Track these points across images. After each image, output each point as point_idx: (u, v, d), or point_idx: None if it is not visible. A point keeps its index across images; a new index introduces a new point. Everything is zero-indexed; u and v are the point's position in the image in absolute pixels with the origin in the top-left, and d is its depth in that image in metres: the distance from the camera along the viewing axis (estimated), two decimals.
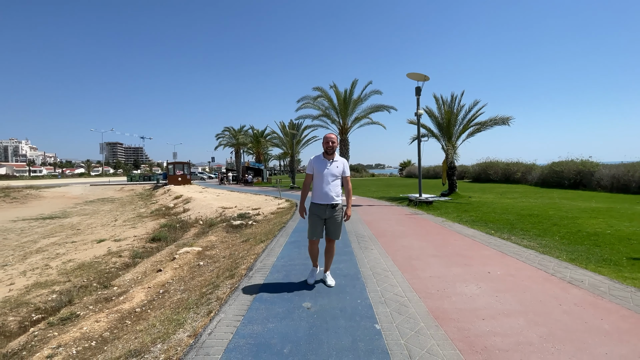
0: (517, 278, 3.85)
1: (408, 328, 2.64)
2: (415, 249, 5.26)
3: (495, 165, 25.26)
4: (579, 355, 2.26)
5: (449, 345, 2.40)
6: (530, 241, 5.97)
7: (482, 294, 3.37)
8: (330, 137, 3.56)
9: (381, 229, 7.07)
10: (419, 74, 11.93)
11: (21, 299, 5.55)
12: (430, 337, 2.50)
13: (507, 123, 13.17)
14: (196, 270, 5.63)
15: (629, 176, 14.67)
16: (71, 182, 50.97)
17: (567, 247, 5.56)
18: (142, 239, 9.82)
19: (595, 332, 2.57)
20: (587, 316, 2.85)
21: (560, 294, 3.35)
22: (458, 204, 11.55)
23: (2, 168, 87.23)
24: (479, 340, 2.46)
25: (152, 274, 5.91)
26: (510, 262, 4.50)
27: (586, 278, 3.86)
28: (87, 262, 7.65)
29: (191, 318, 3.23)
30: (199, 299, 3.86)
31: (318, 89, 22.30)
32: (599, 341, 2.44)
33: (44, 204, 27.03)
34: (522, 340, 2.46)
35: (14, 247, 10.98)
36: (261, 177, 35.97)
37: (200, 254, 6.84)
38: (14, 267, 8.06)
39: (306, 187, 3.71)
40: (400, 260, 4.60)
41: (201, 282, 4.75)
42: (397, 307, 3.02)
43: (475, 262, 4.53)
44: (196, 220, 11.94)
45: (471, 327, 2.67)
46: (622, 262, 4.66)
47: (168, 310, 3.84)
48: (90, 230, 13.31)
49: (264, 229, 8.26)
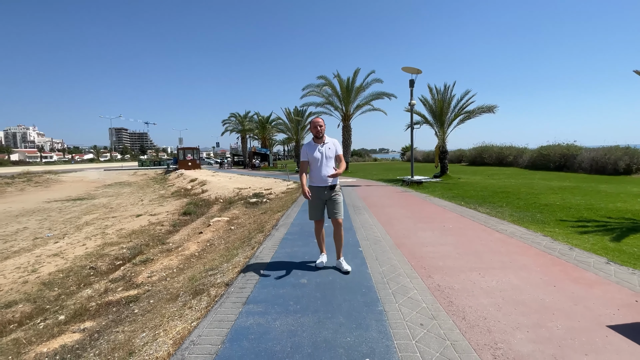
0: (461, 229, 5.52)
1: (379, 250, 4.35)
2: (396, 214, 6.95)
3: (489, 149, 26.67)
4: (473, 259, 3.94)
5: (401, 256, 4.10)
6: (490, 209, 7.60)
7: (432, 236, 5.06)
8: (317, 121, 3.65)
9: (373, 202, 8.75)
10: (412, 68, 13.31)
11: (99, 252, 7.36)
12: (391, 253, 4.20)
13: (492, 111, 14.59)
14: (230, 231, 7.37)
15: (605, 159, 16.11)
16: (85, 168, 53.00)
17: (516, 213, 7.19)
18: (174, 214, 11.62)
19: (494, 252, 4.25)
20: (494, 246, 4.52)
21: (485, 236, 5.02)
22: (446, 184, 13.18)
23: (14, 154, 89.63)
24: (419, 255, 4.15)
25: (195, 235, 7.67)
26: (463, 221, 6.18)
27: (511, 229, 5.52)
28: (136, 229, 9.46)
29: (241, 251, 4.95)
30: (241, 244, 5.59)
31: (322, 78, 23.57)
32: (493, 256, 4.11)
33: (67, 188, 28.98)
34: (445, 255, 4.15)
35: (63, 222, 12.85)
36: (267, 162, 37.65)
37: (229, 222, 8.58)
38: (74, 236, 9.89)
39: (302, 173, 3.73)
40: (382, 220, 6.30)
41: (238, 237, 6.48)
42: (374, 241, 4.73)
43: (437, 221, 6.21)
44: (216, 199, 13.70)
45: (417, 250, 4.36)
46: (550, 222, 6.30)
47: (220, 252, 5.57)
48: (123, 208, 15.17)
49: (278, 204, 9.97)
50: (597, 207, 7.47)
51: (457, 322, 2.46)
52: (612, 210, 7.06)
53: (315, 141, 3.68)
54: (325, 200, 3.67)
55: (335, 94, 23.93)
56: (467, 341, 2.22)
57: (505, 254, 4.14)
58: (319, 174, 3.62)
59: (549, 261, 3.85)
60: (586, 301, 2.80)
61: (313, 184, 3.69)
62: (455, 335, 2.30)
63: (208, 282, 3.81)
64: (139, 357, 2.46)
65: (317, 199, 3.66)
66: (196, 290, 3.68)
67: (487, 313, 2.61)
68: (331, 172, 3.57)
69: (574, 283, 3.20)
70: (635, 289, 3.05)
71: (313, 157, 3.61)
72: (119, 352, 2.73)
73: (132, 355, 2.56)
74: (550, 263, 3.79)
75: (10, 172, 36.49)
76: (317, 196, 3.65)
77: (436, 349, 2.13)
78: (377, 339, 2.25)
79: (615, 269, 3.56)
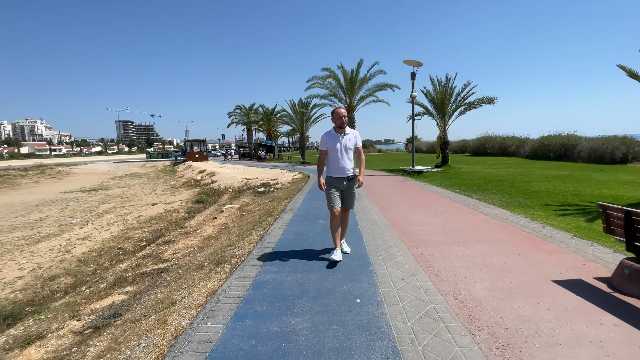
0: (451, 212, 6.12)
1: (375, 228, 4.99)
2: (394, 200, 7.56)
3: (492, 139, 26.99)
4: (456, 235, 4.56)
5: (394, 233, 4.73)
6: (482, 196, 8.17)
7: (424, 218, 5.67)
8: (340, 111, 3.60)
9: (374, 190, 9.36)
10: (413, 61, 13.75)
11: (124, 236, 8.11)
12: (385, 231, 4.83)
13: (492, 103, 15.00)
14: (242, 217, 8.05)
15: (603, 148, 16.47)
16: (95, 160, 54.18)
17: (507, 198, 7.75)
18: (187, 202, 12.36)
19: (475, 230, 4.85)
20: (477, 225, 5.12)
21: (471, 218, 5.62)
22: (446, 173, 13.72)
23: (24, 147, 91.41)
24: (409, 232, 4.78)
25: (210, 220, 8.37)
26: (455, 205, 6.77)
27: (497, 212, 6.11)
28: (154, 216, 10.21)
29: (254, 231, 5.62)
30: (254, 226, 6.26)
31: (326, 70, 23.93)
32: (473, 233, 4.72)
33: (79, 180, 29.99)
34: (432, 232, 4.77)
35: (83, 211, 13.69)
36: (273, 154, 38.31)
37: (240, 209, 9.26)
38: (97, 222, 10.68)
39: (321, 162, 3.74)
40: (381, 205, 6.93)
41: (250, 221, 7.16)
42: (371, 222, 5.37)
43: (431, 206, 6.82)
44: (226, 189, 14.41)
45: (408, 228, 4.98)
46: (536, 206, 6.86)
47: (235, 233, 6.25)
48: (137, 198, 15.97)
49: (285, 193, 10.62)
50: (583, 194, 8.00)
51: (431, 278, 3.10)
52: (597, 196, 7.59)
53: (336, 131, 3.63)
54: (342, 191, 3.66)
55: (339, 85, 24.29)
56: (436, 289, 2.86)
57: (484, 231, 4.75)
58: (337, 165, 3.59)
59: (521, 236, 4.45)
60: (541, 264, 3.41)
61: (330, 174, 3.65)
62: (428, 285, 2.93)
63: (228, 254, 4.48)
64: (180, 306, 3.13)
65: (334, 188, 3.62)
66: (218, 260, 4.35)
67: (457, 272, 3.24)
68: (349, 163, 3.60)
69: (536, 252, 3.80)
70: (587, 256, 3.64)
71: (333, 147, 3.59)
72: (162, 304, 3.41)
73: (174, 305, 3.24)
74: (522, 238, 4.39)
75: (23, 165, 37.66)
76: (334, 186, 3.62)
77: (411, 294, 2.77)
78: (366, 288, 2.89)
79: (577, 242, 4.15)
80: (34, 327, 3.70)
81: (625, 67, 7.11)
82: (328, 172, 3.70)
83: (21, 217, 12.91)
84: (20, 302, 4.82)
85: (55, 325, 3.57)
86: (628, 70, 7.09)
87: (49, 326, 3.61)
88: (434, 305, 2.57)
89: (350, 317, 2.40)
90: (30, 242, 8.83)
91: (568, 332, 2.20)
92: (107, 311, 3.60)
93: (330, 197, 3.63)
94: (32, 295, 5.04)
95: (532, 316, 2.40)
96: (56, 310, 4.19)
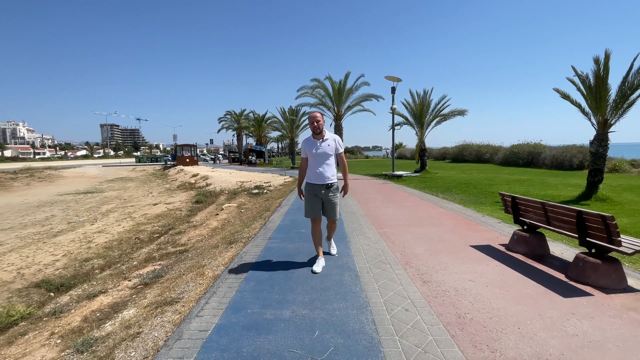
0: (417, 207, 7.54)
1: (353, 218, 6.34)
2: (372, 198, 8.95)
3: (469, 147, 28.96)
4: (414, 221, 5.94)
5: (367, 220, 6.09)
6: (447, 195, 9.64)
7: (394, 211, 7.06)
8: (314, 116, 3.40)
9: (356, 190, 10.75)
10: (393, 77, 15.32)
11: (137, 229, 9.20)
12: (361, 219, 6.19)
13: (463, 114, 16.70)
14: (241, 213, 9.27)
15: (563, 156, 18.39)
16: (82, 164, 54.07)
17: (466, 197, 9.23)
18: (187, 202, 13.46)
19: (430, 218, 6.25)
20: (433, 215, 6.53)
21: (431, 211, 7.04)
22: (422, 177, 15.26)
23: (7, 150, 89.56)
24: (379, 219, 6.15)
25: (213, 216, 9.55)
26: (421, 202, 8.20)
27: (453, 207, 7.55)
28: (159, 213, 11.31)
29: (255, 222, 6.87)
30: (254, 218, 7.50)
31: (315, 80, 25.44)
32: (428, 219, 6.11)
33: (71, 183, 30.41)
34: (396, 219, 6.15)
35: (86, 210, 14.58)
36: (263, 159, 39.47)
37: (238, 207, 10.47)
38: (105, 220, 11.67)
39: (302, 170, 3.61)
40: (360, 201, 8.31)
41: (250, 216, 8.39)
42: (350, 212, 6.73)
43: (402, 202, 8.22)
44: (221, 191, 15.55)
45: (380, 217, 6.36)
46: (487, 203, 8.34)
47: (239, 224, 7.48)
48: (136, 199, 16.91)
49: (278, 194, 11.88)
50: (531, 194, 9.57)
51: (388, 245, 4.46)
52: (541, 196, 9.15)
53: (314, 137, 3.48)
54: (322, 199, 3.51)
55: (328, 95, 25.81)
56: (390, 250, 4.22)
57: (437, 219, 6.16)
58: (315, 172, 3.45)
59: (462, 221, 5.88)
60: (468, 237, 4.82)
61: (310, 180, 3.52)
62: (385, 247, 4.30)
63: (238, 237, 5.73)
64: (210, 266, 4.38)
65: (313, 196, 3.50)
66: (230, 241, 5.60)
67: (406, 242, 4.61)
68: (329, 170, 3.45)
69: (468, 230, 5.22)
70: (503, 233, 5.07)
71: (310, 153, 3.45)
72: (194, 268, 4.64)
73: (204, 267, 4.48)
74: (463, 222, 5.81)
75: (12, 168, 37.60)
76: (313, 193, 3.50)
77: (372, 252, 4.13)
78: (343, 250, 4.23)
79: (501, 225, 5.59)
80: (92, 288, 4.86)
81: (559, 89, 8.72)
82: (307, 179, 3.59)
83: (27, 217, 13.73)
84: (66, 277, 5.93)
85: (111, 285, 4.74)
86: (562, 92, 8.70)
87: (106, 286, 4.77)
88: (385, 257, 3.94)
89: (331, 262, 3.74)
90: (47, 236, 9.80)
91: (464, 267, 3.58)
92: (150, 275, 4.80)
93: (308, 206, 3.56)
94: (73, 272, 6.15)
95: (447, 262, 3.78)
96: (104, 279, 5.34)
